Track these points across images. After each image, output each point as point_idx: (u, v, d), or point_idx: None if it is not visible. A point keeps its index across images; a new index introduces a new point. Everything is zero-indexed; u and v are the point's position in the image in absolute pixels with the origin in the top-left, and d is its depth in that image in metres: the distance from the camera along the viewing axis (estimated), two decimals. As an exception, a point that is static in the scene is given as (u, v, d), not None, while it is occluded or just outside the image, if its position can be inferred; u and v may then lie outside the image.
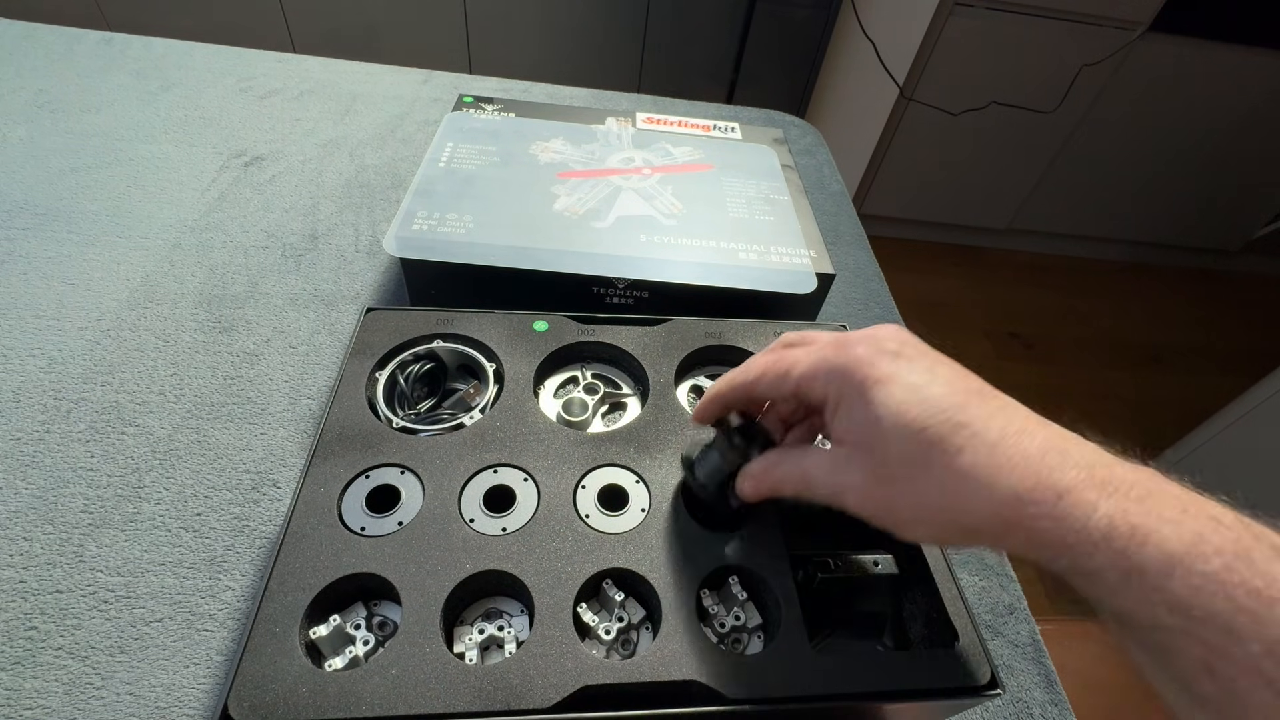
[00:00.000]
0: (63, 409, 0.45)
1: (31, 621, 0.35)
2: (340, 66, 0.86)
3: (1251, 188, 1.93)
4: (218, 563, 0.39)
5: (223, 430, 0.45)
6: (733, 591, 0.32)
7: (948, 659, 0.31)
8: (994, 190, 1.91)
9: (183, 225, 0.60)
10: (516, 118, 0.65)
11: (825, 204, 0.77)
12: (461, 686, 0.28)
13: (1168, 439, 1.49)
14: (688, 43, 1.94)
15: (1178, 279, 2.20)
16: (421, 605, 0.30)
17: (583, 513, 0.35)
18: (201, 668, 0.35)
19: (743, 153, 0.66)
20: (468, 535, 0.33)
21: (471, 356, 0.42)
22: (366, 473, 0.35)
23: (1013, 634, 0.43)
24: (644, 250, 0.51)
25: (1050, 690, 0.41)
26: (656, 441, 0.38)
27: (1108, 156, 1.83)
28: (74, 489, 0.41)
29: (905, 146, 1.75)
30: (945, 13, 1.49)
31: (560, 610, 0.30)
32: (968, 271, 2.07)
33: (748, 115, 0.90)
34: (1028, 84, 1.63)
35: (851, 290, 0.66)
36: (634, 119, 0.69)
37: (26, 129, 0.67)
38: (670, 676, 0.29)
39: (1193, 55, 1.60)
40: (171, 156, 0.67)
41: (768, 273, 0.51)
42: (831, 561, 0.33)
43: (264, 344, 0.51)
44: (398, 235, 0.48)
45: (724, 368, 0.46)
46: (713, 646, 0.30)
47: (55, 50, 0.79)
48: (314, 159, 0.70)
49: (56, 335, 0.49)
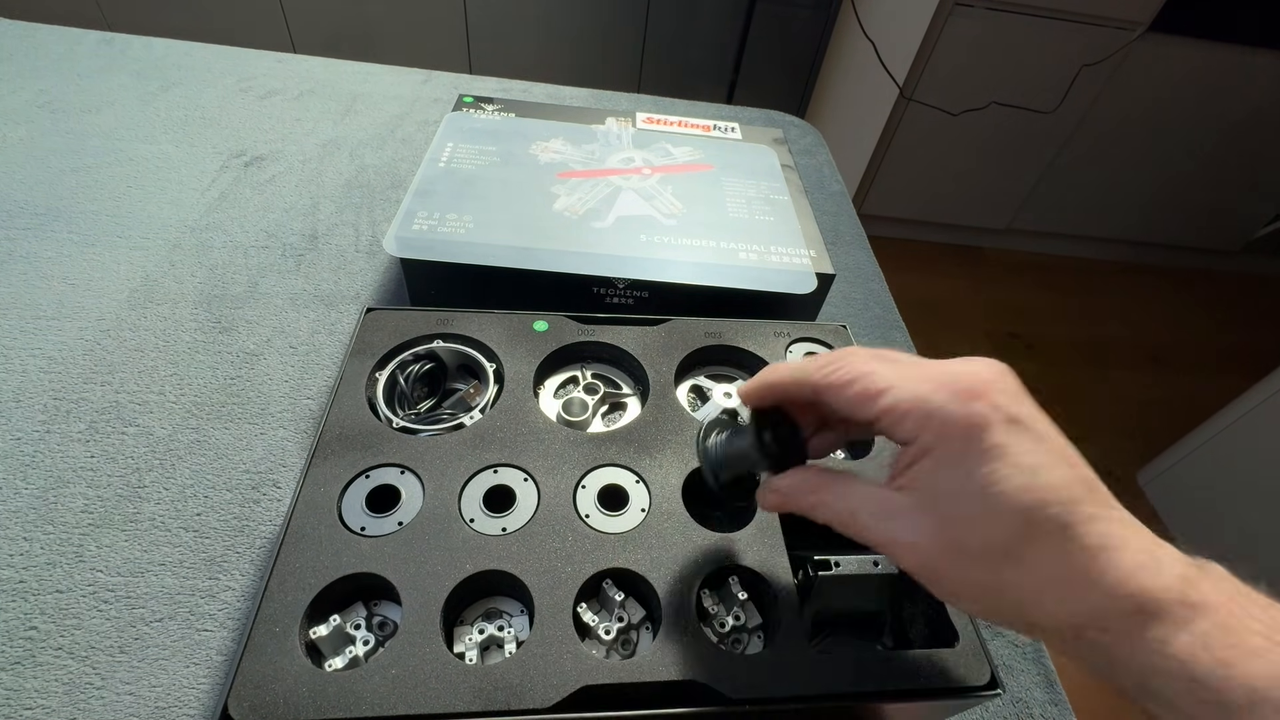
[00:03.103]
0: (63, 409, 0.45)
1: (31, 621, 0.35)
2: (340, 66, 0.86)
3: (1251, 188, 1.93)
4: (218, 563, 0.39)
5: (223, 430, 0.45)
6: (733, 591, 0.32)
7: (948, 659, 0.31)
8: (994, 190, 1.91)
9: (183, 225, 0.60)
10: (516, 118, 0.65)
11: (825, 204, 0.77)
12: (461, 686, 0.28)
13: (1168, 439, 1.49)
14: (688, 43, 1.94)
15: (1178, 279, 2.20)
16: (421, 605, 0.30)
17: (583, 513, 0.35)
18: (201, 668, 0.35)
19: (743, 153, 0.66)
20: (468, 535, 0.33)
21: (471, 356, 0.42)
22: (366, 473, 0.35)
23: (1013, 634, 0.43)
24: (644, 250, 0.51)
25: (1050, 690, 0.41)
26: (656, 441, 0.38)
27: (1108, 156, 1.83)
28: (74, 489, 0.41)
29: (905, 146, 1.75)
30: (945, 13, 1.49)
31: (560, 610, 0.30)
32: (968, 271, 2.07)
33: (748, 115, 0.90)
34: (1028, 84, 1.63)
35: (851, 290, 0.66)
36: (634, 119, 0.69)
37: (26, 129, 0.67)
38: (670, 677, 0.29)
39: (1193, 55, 1.60)
40: (171, 156, 0.67)
41: (768, 273, 0.51)
42: (832, 561, 0.33)
43: (264, 344, 0.51)
44: (398, 235, 0.48)
45: (724, 368, 0.46)
46: (713, 646, 0.30)
47: (55, 50, 0.79)
48: (314, 159, 0.70)
49: (56, 335, 0.49)
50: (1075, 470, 0.23)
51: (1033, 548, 0.22)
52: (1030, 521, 0.22)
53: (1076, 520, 0.22)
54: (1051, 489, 0.22)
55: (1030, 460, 0.22)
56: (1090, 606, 0.21)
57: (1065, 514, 0.22)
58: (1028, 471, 0.22)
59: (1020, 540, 0.22)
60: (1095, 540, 0.21)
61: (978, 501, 0.22)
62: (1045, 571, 0.22)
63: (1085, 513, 0.22)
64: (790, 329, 0.46)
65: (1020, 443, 0.22)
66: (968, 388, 0.24)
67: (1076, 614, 0.21)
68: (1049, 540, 0.22)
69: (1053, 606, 0.22)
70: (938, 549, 0.23)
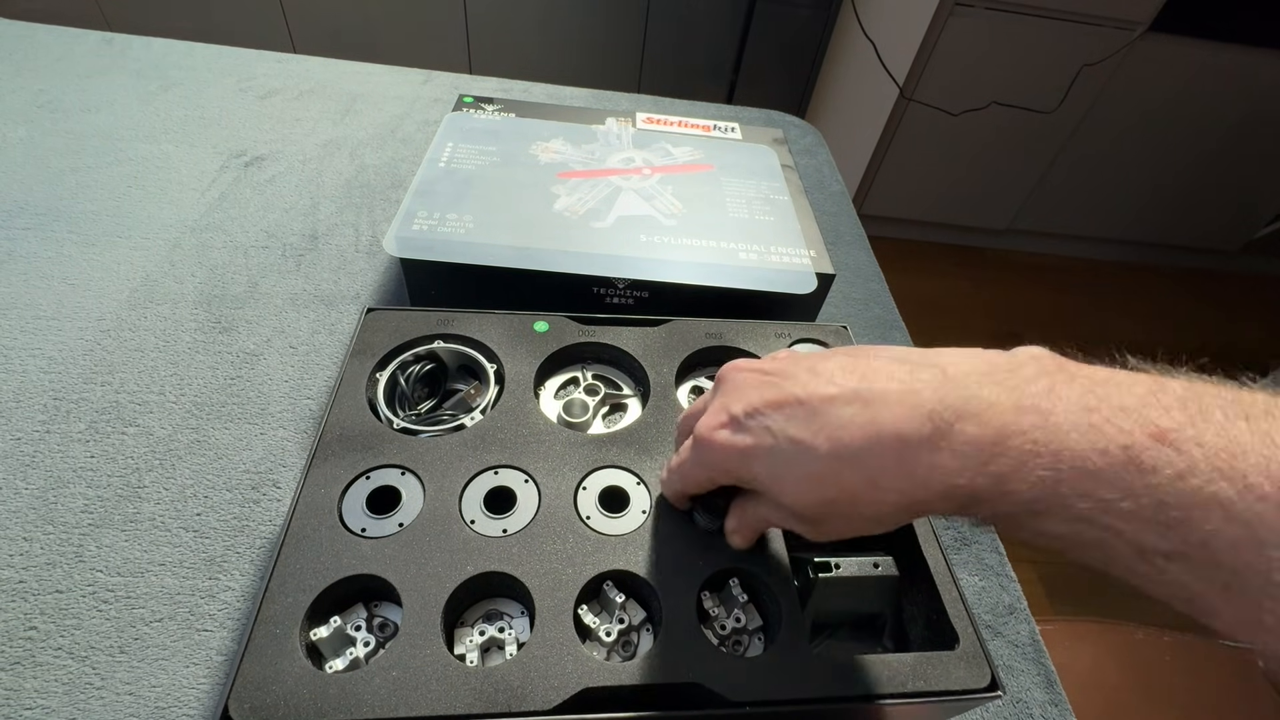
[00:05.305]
0: (63, 409, 0.45)
1: (31, 621, 0.35)
2: (340, 66, 0.86)
3: (1251, 188, 1.93)
4: (218, 563, 0.39)
5: (223, 430, 0.45)
6: (733, 593, 0.32)
7: (948, 661, 0.31)
8: (994, 190, 1.91)
9: (183, 225, 0.60)
10: (516, 118, 0.65)
11: (825, 204, 0.77)
12: (462, 688, 0.28)
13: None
14: (688, 43, 1.94)
15: (1178, 279, 2.20)
16: (422, 607, 0.30)
17: (583, 514, 0.34)
18: (201, 668, 0.35)
19: (743, 153, 0.66)
20: (468, 536, 0.33)
21: (472, 357, 0.42)
22: (367, 474, 0.35)
23: (1013, 634, 0.43)
24: (644, 250, 0.51)
25: (1050, 690, 0.41)
26: (657, 443, 0.38)
27: (1108, 156, 1.83)
28: (74, 489, 0.41)
29: (905, 146, 1.75)
30: (945, 13, 1.49)
31: (561, 612, 0.30)
32: (968, 271, 2.07)
33: (748, 115, 0.90)
34: (1028, 84, 1.62)
35: (851, 290, 0.66)
36: (634, 119, 0.68)
37: (26, 129, 0.67)
38: (671, 679, 0.29)
39: (1193, 55, 1.60)
40: (171, 156, 0.67)
41: (768, 273, 0.51)
42: (832, 563, 0.33)
43: (264, 344, 0.51)
44: (398, 235, 0.48)
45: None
46: (713, 648, 0.30)
47: (55, 50, 0.79)
48: (314, 159, 0.70)
49: (56, 335, 0.49)
50: (819, 424, 0.25)
51: (833, 509, 0.26)
52: (812, 482, 0.25)
53: (827, 450, 0.25)
54: (809, 479, 0.25)
55: (779, 469, 0.26)
56: (895, 489, 0.24)
57: (815, 453, 0.25)
58: (788, 483, 0.26)
59: (823, 512, 0.26)
60: (854, 448, 0.24)
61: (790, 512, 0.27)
62: (853, 493, 0.25)
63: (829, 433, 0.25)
64: (791, 329, 0.46)
65: (765, 459, 0.27)
66: (710, 442, 0.29)
67: (899, 497, 0.24)
68: (839, 504, 0.25)
69: (885, 508, 0.24)
70: (806, 528, 0.28)
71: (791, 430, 0.25)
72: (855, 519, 0.26)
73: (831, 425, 0.24)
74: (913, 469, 0.23)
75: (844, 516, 0.26)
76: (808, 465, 0.25)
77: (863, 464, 0.24)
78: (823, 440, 0.24)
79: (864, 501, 0.24)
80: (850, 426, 0.24)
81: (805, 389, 0.26)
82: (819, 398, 0.25)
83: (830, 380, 0.26)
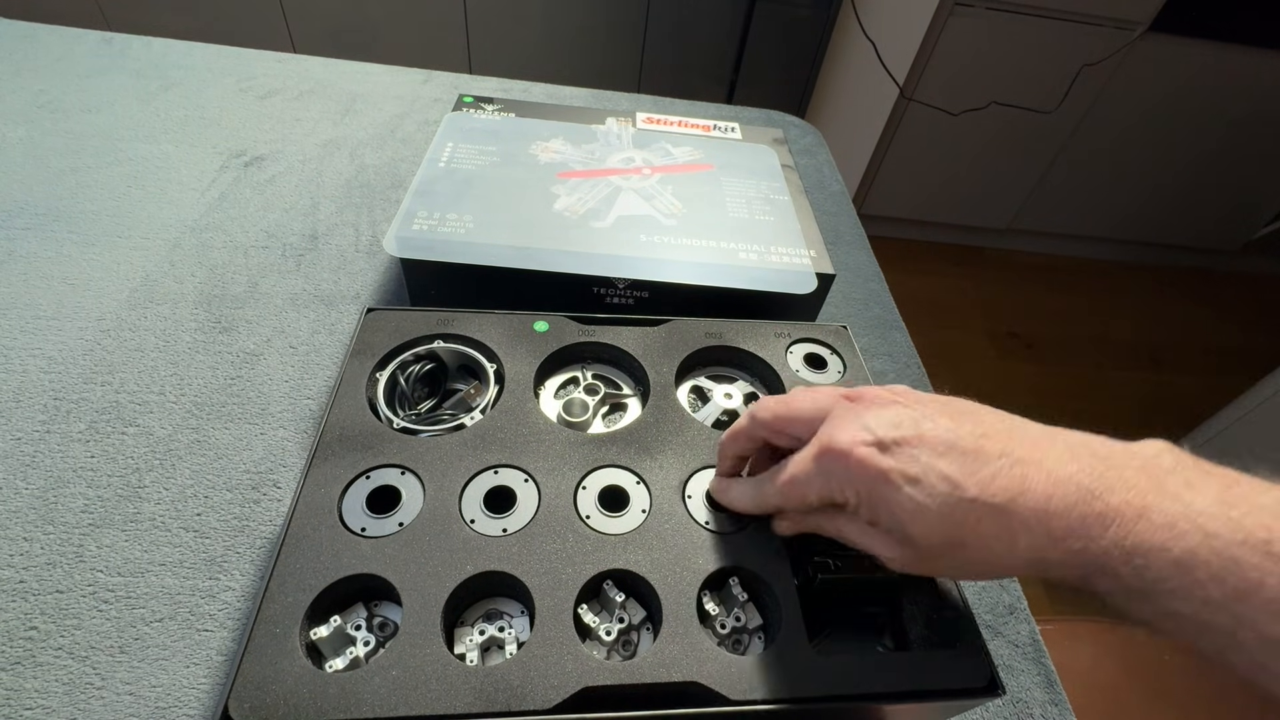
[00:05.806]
0: (63, 409, 0.45)
1: (31, 621, 0.35)
2: (340, 66, 0.86)
3: (1251, 188, 1.93)
4: (218, 563, 0.39)
5: (223, 430, 0.45)
6: (733, 593, 0.32)
7: (948, 660, 0.31)
8: (994, 190, 1.91)
9: (183, 225, 0.60)
10: (516, 118, 0.65)
11: (825, 204, 0.77)
12: (462, 687, 0.28)
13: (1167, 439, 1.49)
14: (688, 43, 1.94)
15: (1178, 279, 2.20)
16: (422, 606, 0.30)
17: (583, 514, 0.34)
18: (201, 668, 0.35)
19: (743, 153, 0.66)
20: (468, 536, 0.33)
21: (472, 357, 0.42)
22: (367, 473, 0.35)
23: (1013, 634, 0.43)
24: (644, 250, 0.51)
25: (1050, 690, 0.41)
26: (657, 442, 0.38)
27: (1107, 156, 1.83)
28: (74, 489, 0.41)
29: (905, 146, 1.75)
30: (945, 13, 1.49)
31: (561, 611, 0.30)
32: (968, 271, 2.07)
33: (748, 115, 0.90)
34: (1028, 84, 1.62)
35: (851, 290, 0.66)
36: (634, 119, 0.68)
37: (26, 129, 0.67)
38: (671, 678, 0.29)
39: (1193, 55, 1.60)
40: (171, 156, 0.67)
41: (768, 273, 0.51)
42: (832, 562, 0.33)
43: (264, 344, 0.51)
44: (398, 235, 0.48)
45: (725, 368, 0.46)
46: (713, 648, 0.30)
47: (55, 50, 0.79)
48: (314, 159, 0.70)
49: (56, 335, 0.49)
50: (959, 452, 0.26)
51: (957, 540, 0.26)
52: (943, 525, 0.26)
53: (976, 495, 0.25)
54: (943, 492, 0.26)
55: (915, 470, 0.26)
56: (1027, 550, 0.25)
57: (965, 498, 0.25)
58: (920, 488, 0.26)
59: (948, 540, 0.26)
60: (1003, 499, 0.25)
61: (902, 529, 0.27)
62: (983, 546, 0.26)
63: (980, 480, 0.25)
64: (791, 329, 0.46)
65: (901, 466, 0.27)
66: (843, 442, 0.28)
67: (1027, 554, 0.25)
68: (965, 529, 0.26)
69: (1007, 561, 0.26)
70: (909, 559, 0.28)
71: (942, 467, 0.26)
72: (970, 564, 0.27)
73: (984, 473, 0.26)
74: (1050, 528, 0.24)
75: (960, 559, 0.27)
76: (951, 504, 0.26)
77: (1006, 515, 0.25)
78: (973, 484, 0.25)
79: (993, 550, 0.25)
80: (1001, 478, 0.25)
81: (957, 433, 0.27)
82: (973, 445, 0.26)
83: (984, 434, 0.27)
